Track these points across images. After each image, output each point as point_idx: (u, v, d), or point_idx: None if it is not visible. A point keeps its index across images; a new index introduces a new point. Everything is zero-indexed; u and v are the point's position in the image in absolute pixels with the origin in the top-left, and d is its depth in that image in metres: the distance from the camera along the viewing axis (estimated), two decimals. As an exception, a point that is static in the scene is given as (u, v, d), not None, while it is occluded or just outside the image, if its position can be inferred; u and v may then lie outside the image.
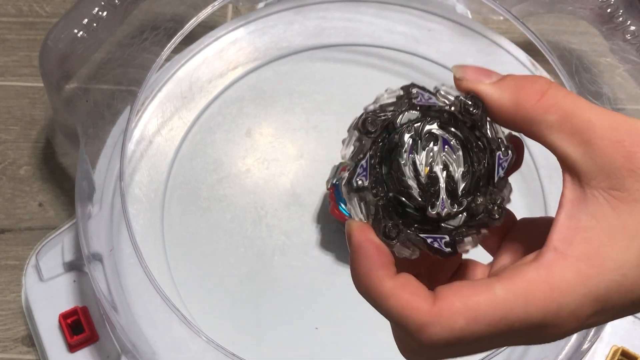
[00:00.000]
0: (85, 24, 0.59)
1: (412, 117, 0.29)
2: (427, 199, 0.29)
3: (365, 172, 0.29)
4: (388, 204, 0.29)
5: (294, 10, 0.68)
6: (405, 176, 0.29)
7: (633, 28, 0.59)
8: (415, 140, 0.29)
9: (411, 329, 0.28)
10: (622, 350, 0.56)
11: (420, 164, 0.29)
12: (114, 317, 0.53)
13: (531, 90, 0.28)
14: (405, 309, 0.28)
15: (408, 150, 0.29)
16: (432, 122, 0.29)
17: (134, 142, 0.62)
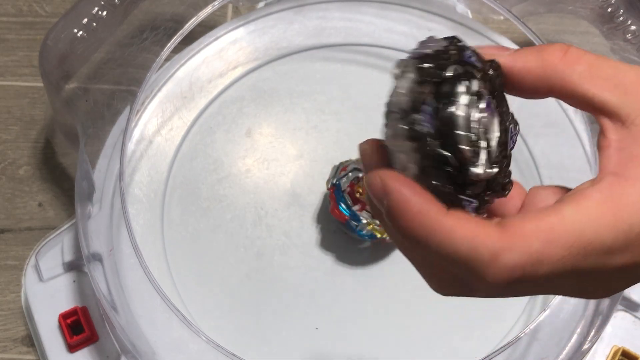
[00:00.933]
0: (85, 23, 0.59)
1: (458, 72, 0.28)
2: (472, 159, 0.27)
3: (430, 117, 0.27)
4: (435, 158, 0.27)
5: (294, 10, 0.68)
6: (459, 130, 0.27)
7: (634, 28, 0.59)
8: (470, 95, 0.27)
9: (483, 260, 0.26)
10: (623, 351, 0.56)
11: (474, 120, 0.27)
12: (114, 317, 0.53)
13: (553, 50, 0.29)
14: (474, 238, 0.26)
15: (464, 104, 0.27)
16: (477, 80, 0.28)
17: (134, 142, 0.62)
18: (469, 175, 0.27)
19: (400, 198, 0.27)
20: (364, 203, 0.56)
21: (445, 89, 0.27)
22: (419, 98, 0.27)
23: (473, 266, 0.26)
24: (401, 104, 0.28)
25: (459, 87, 0.27)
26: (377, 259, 0.59)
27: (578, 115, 0.62)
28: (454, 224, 0.26)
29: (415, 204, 0.26)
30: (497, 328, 0.56)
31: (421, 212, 0.26)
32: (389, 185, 0.27)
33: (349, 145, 0.63)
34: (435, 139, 0.27)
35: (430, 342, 0.57)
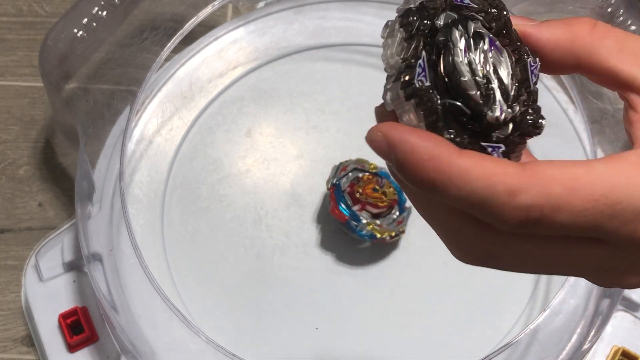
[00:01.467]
0: (85, 23, 0.59)
1: (452, 18, 0.26)
2: (484, 102, 0.26)
3: (425, 71, 0.26)
4: (445, 110, 0.26)
5: (294, 10, 0.68)
6: (463, 77, 0.26)
7: (634, 28, 0.59)
8: (467, 39, 0.26)
9: (500, 198, 0.24)
10: (623, 351, 0.56)
11: (477, 63, 0.26)
12: (114, 317, 0.53)
13: (581, 23, 0.28)
14: (491, 177, 0.24)
15: (463, 49, 0.26)
16: (473, 21, 0.26)
17: (134, 142, 0.62)
18: (487, 119, 0.26)
19: (407, 147, 0.25)
20: (364, 203, 0.56)
21: (438, 38, 0.26)
22: (412, 54, 0.26)
23: (490, 206, 0.25)
24: (395, 64, 0.27)
25: (453, 34, 0.26)
26: (377, 259, 0.59)
27: (578, 115, 0.62)
28: (469, 164, 0.25)
29: (424, 149, 0.25)
30: (497, 328, 0.56)
31: (432, 157, 0.25)
32: (392, 137, 0.26)
33: (349, 145, 0.63)
34: (438, 91, 0.26)
35: (430, 342, 0.57)
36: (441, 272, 0.59)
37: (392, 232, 0.57)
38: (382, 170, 0.59)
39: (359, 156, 0.61)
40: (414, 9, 0.27)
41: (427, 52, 0.26)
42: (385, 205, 0.57)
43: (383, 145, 0.26)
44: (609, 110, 0.62)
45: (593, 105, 0.61)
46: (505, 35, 0.27)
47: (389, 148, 0.26)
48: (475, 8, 0.27)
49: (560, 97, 0.64)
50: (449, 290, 0.58)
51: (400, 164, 0.26)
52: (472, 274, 0.59)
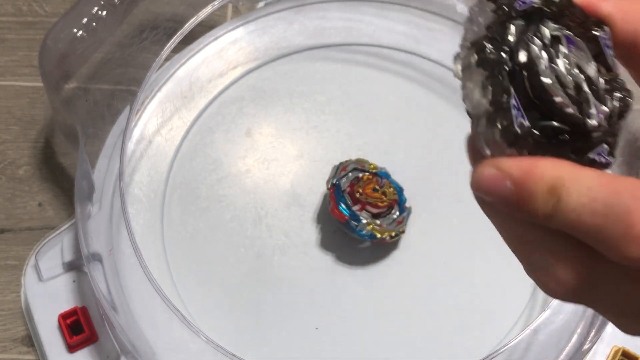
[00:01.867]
0: (84, 23, 0.59)
1: (520, 27, 0.25)
2: (582, 112, 0.24)
3: (520, 110, 0.24)
4: (549, 137, 0.24)
5: (294, 10, 0.68)
6: (557, 97, 0.24)
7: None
8: (547, 49, 0.24)
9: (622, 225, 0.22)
10: (623, 351, 0.56)
11: (563, 74, 0.24)
12: (114, 317, 0.53)
13: None
14: (619, 195, 0.22)
15: (547, 65, 0.24)
16: (544, 23, 0.25)
17: (134, 142, 0.62)
18: (589, 129, 0.24)
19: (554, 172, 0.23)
20: (364, 203, 0.56)
21: (519, 60, 0.24)
22: (499, 92, 0.24)
23: (609, 233, 0.22)
24: (482, 107, 0.25)
25: (533, 51, 0.24)
26: (377, 259, 0.59)
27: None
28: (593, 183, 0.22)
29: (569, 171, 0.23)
30: (497, 328, 0.56)
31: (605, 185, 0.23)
32: (521, 168, 0.23)
33: (349, 145, 0.63)
34: (532, 117, 0.24)
35: (430, 342, 0.57)
36: (441, 272, 0.59)
37: (392, 232, 0.57)
38: (382, 170, 0.59)
39: (359, 156, 0.61)
40: (484, 38, 0.25)
41: (515, 86, 0.24)
42: (385, 205, 0.57)
43: (504, 185, 0.24)
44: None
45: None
46: (569, 15, 0.25)
47: (518, 183, 0.23)
48: (538, 3, 0.25)
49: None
50: (448, 290, 0.58)
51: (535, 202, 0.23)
52: (472, 274, 0.59)
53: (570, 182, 0.22)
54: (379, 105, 0.65)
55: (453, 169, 0.62)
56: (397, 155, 0.62)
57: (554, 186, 0.23)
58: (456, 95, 0.65)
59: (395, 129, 0.64)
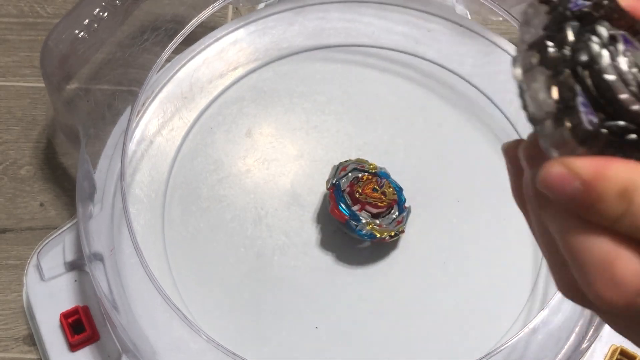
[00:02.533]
0: (86, 24, 0.59)
1: (577, 28, 0.25)
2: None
3: (589, 107, 0.24)
4: (618, 137, 0.24)
5: (294, 11, 0.68)
6: (622, 94, 0.24)
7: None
8: (608, 48, 0.24)
9: None
10: (621, 350, 0.56)
11: (628, 71, 0.24)
12: (115, 317, 0.53)
13: None
14: None
15: (609, 62, 0.24)
16: (600, 23, 0.25)
17: (135, 142, 0.62)
18: None
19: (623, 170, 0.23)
20: (363, 203, 0.57)
21: (580, 59, 0.24)
22: (566, 91, 0.24)
23: None
24: (548, 108, 0.25)
25: (593, 49, 0.24)
26: (377, 259, 0.59)
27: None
28: None
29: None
30: (495, 327, 0.57)
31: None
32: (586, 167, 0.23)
33: (349, 145, 0.63)
34: (605, 122, 0.24)
35: (429, 341, 0.57)
36: (441, 271, 0.59)
37: (391, 231, 0.57)
38: (382, 170, 0.59)
39: (359, 156, 0.61)
40: (544, 37, 0.25)
41: (581, 84, 0.24)
42: (385, 205, 0.57)
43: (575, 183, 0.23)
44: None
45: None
46: (619, 18, 0.25)
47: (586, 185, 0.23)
48: (589, 4, 0.25)
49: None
50: (448, 289, 0.58)
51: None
52: (471, 273, 0.59)
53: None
54: (379, 105, 0.65)
55: (452, 169, 0.62)
56: (397, 155, 0.63)
57: (625, 189, 0.22)
58: (455, 96, 0.65)
59: (395, 129, 0.64)
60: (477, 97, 0.65)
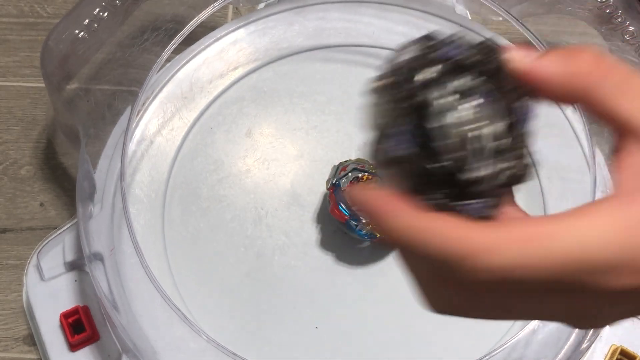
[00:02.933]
0: (86, 24, 0.59)
1: (436, 73, 0.26)
2: (461, 163, 0.25)
3: (403, 139, 0.26)
4: (421, 174, 0.26)
5: (294, 11, 0.68)
6: (436, 140, 0.25)
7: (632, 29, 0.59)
8: (444, 98, 0.26)
9: (463, 258, 0.25)
10: (621, 350, 0.56)
11: (452, 125, 0.25)
12: (115, 317, 0.53)
13: (584, 57, 0.27)
14: (454, 238, 0.25)
15: (441, 110, 0.25)
16: (456, 77, 0.26)
17: (135, 142, 0.63)
18: (468, 179, 0.26)
19: (381, 204, 0.27)
20: (363, 203, 0.56)
21: (417, 99, 0.26)
22: (394, 119, 0.26)
23: (457, 261, 0.25)
24: (379, 127, 0.27)
25: (432, 94, 0.26)
26: (377, 258, 0.59)
27: (577, 115, 0.63)
28: (438, 221, 0.26)
29: (400, 212, 0.26)
30: (496, 327, 0.57)
31: (406, 217, 0.26)
32: (368, 195, 0.27)
33: (349, 145, 0.63)
34: (418, 156, 0.26)
35: (429, 341, 0.57)
36: (440, 271, 0.59)
37: (391, 231, 0.57)
38: (382, 170, 0.59)
39: (359, 156, 0.61)
40: (399, 68, 0.26)
41: (407, 117, 0.26)
42: (385, 205, 0.57)
43: (362, 202, 0.27)
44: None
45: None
46: (497, 79, 0.26)
47: (366, 207, 0.27)
48: (463, 58, 0.26)
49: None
50: (448, 289, 0.58)
51: (381, 228, 0.27)
52: (471, 273, 0.59)
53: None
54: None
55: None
56: (397, 155, 0.63)
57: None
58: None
59: (395, 129, 0.64)
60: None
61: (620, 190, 0.26)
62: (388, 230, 0.26)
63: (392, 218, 0.26)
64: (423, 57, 0.26)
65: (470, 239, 0.25)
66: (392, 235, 0.26)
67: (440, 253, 0.25)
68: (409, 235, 0.26)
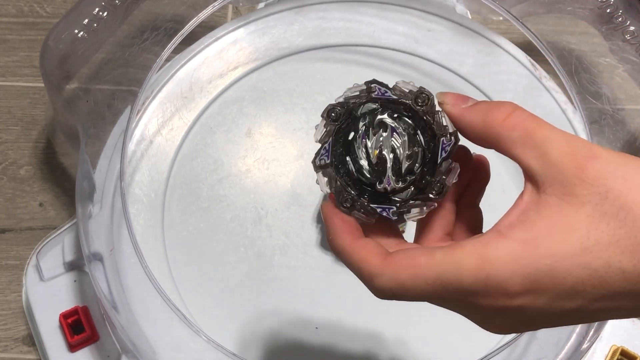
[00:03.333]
0: (85, 24, 0.59)
1: (370, 108, 0.35)
2: (376, 177, 0.35)
3: (328, 153, 0.35)
4: (347, 179, 0.35)
5: (294, 10, 0.68)
6: (359, 157, 0.35)
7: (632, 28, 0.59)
8: (368, 127, 0.35)
9: (365, 278, 0.34)
10: (622, 350, 0.56)
11: (370, 147, 0.35)
12: (115, 317, 0.53)
13: (498, 112, 0.33)
14: (361, 262, 0.34)
15: (361, 136, 0.35)
16: (384, 112, 0.35)
17: (135, 142, 0.62)
18: (378, 189, 0.35)
19: (327, 222, 0.36)
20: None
21: (342, 126, 0.35)
22: (325, 137, 0.35)
23: (364, 280, 0.34)
24: (319, 142, 0.36)
25: (357, 124, 0.35)
26: (377, 258, 0.59)
27: (577, 115, 0.63)
28: (351, 249, 0.34)
29: (333, 231, 0.35)
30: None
31: (336, 237, 0.35)
32: (323, 209, 0.36)
33: (348, 146, 0.63)
34: (342, 167, 0.35)
35: (429, 341, 0.57)
36: (441, 271, 0.59)
37: (391, 232, 0.57)
38: (382, 170, 0.59)
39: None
40: (336, 103, 0.36)
41: (334, 139, 0.35)
42: (385, 205, 0.57)
43: (322, 212, 0.36)
44: (608, 110, 0.62)
45: (592, 105, 0.61)
46: (424, 119, 0.35)
47: (323, 217, 0.36)
48: (395, 99, 0.35)
49: (559, 98, 0.64)
50: (448, 289, 0.58)
51: (325, 228, 0.36)
52: (472, 273, 0.59)
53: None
54: (379, 105, 0.65)
55: (452, 169, 0.62)
56: (397, 155, 0.63)
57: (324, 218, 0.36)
58: (456, 96, 0.65)
59: (395, 129, 0.64)
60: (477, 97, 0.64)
61: (497, 225, 0.32)
62: (332, 245, 0.35)
63: (334, 237, 0.35)
64: (365, 95, 0.35)
65: (372, 265, 0.33)
66: (334, 249, 0.35)
67: (358, 272, 0.34)
68: (342, 253, 0.35)
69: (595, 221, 0.30)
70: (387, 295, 0.33)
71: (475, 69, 0.65)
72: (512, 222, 0.31)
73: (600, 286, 0.30)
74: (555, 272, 0.30)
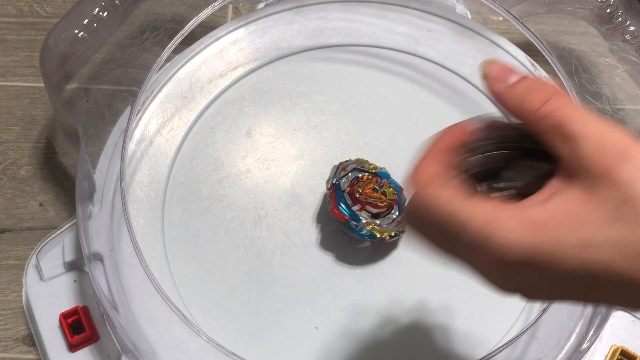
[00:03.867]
0: (85, 24, 0.59)
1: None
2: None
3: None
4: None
5: (294, 10, 0.68)
6: (502, 178, 0.36)
7: (632, 28, 0.59)
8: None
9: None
10: (622, 350, 0.56)
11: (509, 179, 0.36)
12: (115, 317, 0.53)
13: (534, 99, 0.33)
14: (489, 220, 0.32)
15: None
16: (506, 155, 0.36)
17: (135, 142, 0.62)
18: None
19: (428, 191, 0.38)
20: (363, 203, 0.57)
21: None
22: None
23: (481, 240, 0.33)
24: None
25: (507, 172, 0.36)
26: (377, 258, 0.59)
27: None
28: (476, 205, 0.33)
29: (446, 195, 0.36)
30: (496, 327, 0.57)
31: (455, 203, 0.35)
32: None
33: (349, 145, 0.63)
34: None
35: (429, 341, 0.57)
36: (441, 271, 0.59)
37: (391, 232, 0.57)
38: (382, 170, 0.59)
39: (359, 156, 0.61)
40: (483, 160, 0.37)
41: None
42: (385, 205, 0.57)
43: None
44: (608, 110, 0.62)
45: (592, 105, 0.62)
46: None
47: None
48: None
49: (560, 98, 0.64)
50: (448, 290, 0.58)
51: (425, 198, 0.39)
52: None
53: None
54: (379, 105, 0.65)
55: (452, 169, 0.62)
56: (397, 155, 0.63)
57: None
58: (455, 96, 0.65)
59: (395, 129, 0.64)
60: (477, 97, 0.65)
61: (528, 199, 0.33)
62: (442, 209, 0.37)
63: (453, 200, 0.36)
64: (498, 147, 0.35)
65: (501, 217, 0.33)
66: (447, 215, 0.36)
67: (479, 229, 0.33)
68: (465, 213, 0.34)
69: (608, 222, 0.30)
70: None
71: (475, 69, 0.65)
72: (535, 202, 0.32)
73: (593, 283, 0.31)
74: (553, 254, 0.31)
